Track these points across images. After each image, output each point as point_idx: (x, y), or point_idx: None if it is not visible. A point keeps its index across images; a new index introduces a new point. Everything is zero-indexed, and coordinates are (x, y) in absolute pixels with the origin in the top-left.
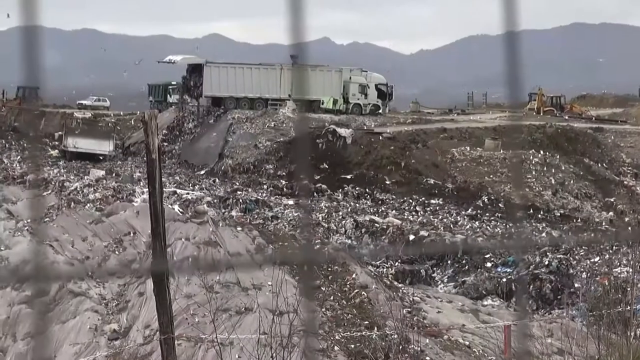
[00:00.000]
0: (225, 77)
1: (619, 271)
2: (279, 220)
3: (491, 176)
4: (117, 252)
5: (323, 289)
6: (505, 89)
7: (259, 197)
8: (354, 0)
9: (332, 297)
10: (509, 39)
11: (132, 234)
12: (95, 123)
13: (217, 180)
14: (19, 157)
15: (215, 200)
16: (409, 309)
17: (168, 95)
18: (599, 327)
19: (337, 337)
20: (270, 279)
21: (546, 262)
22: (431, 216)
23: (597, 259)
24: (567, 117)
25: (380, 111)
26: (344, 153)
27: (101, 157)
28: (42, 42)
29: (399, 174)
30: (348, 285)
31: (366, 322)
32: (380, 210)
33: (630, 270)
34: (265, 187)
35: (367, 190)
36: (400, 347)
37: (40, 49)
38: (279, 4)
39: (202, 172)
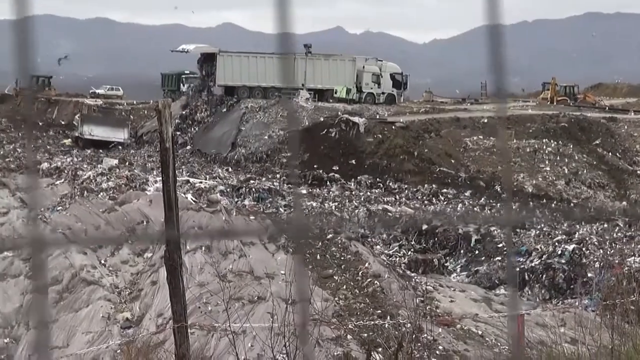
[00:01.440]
0: (239, 66)
1: (632, 260)
2: (292, 209)
3: (504, 165)
4: (129, 241)
5: (336, 277)
6: (490, 82)
7: (271, 186)
8: None
9: (344, 286)
10: (493, 32)
11: (145, 223)
12: (111, 111)
13: (230, 169)
14: (32, 146)
15: (228, 189)
16: (422, 298)
17: (181, 85)
18: (612, 316)
19: (350, 326)
20: (284, 267)
21: (559, 252)
22: (444, 205)
23: (609, 249)
24: (580, 107)
25: (395, 101)
26: (357, 142)
27: (117, 145)
28: (51, 32)
29: (412, 163)
30: (361, 275)
31: (379, 311)
32: (393, 199)
33: None
34: (278, 176)
35: (380, 179)
36: (414, 336)
37: (32, 39)
38: None
39: (215, 162)
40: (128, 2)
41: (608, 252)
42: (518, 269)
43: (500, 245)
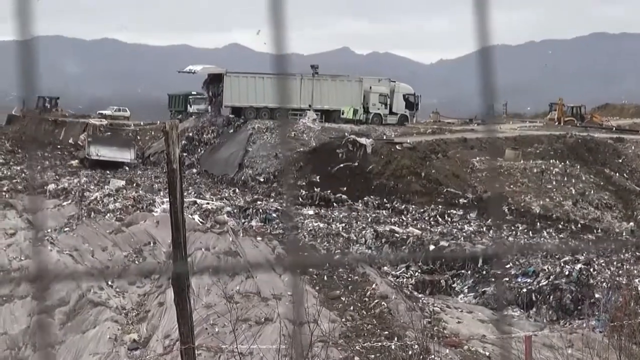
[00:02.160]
0: (245, 87)
1: (639, 282)
2: (299, 230)
3: (511, 186)
4: (137, 262)
5: (343, 299)
6: (481, 104)
7: (279, 207)
8: (373, 10)
9: (352, 308)
10: (483, 54)
11: (152, 244)
12: (117, 131)
13: (237, 190)
14: (38, 167)
15: (235, 210)
16: (429, 319)
17: (188, 105)
18: (619, 337)
19: (357, 348)
20: (290, 288)
21: (566, 272)
22: (451, 226)
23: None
24: (587, 127)
25: (408, 121)
26: (364, 163)
27: (124, 166)
28: (60, 53)
29: (419, 184)
30: (368, 296)
31: (386, 333)
32: (400, 220)
33: None
34: (285, 197)
35: (387, 200)
36: (421, 358)
37: (35, 60)
38: (297, 15)
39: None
40: (135, 23)
41: (616, 273)
42: (525, 290)
43: (507, 266)
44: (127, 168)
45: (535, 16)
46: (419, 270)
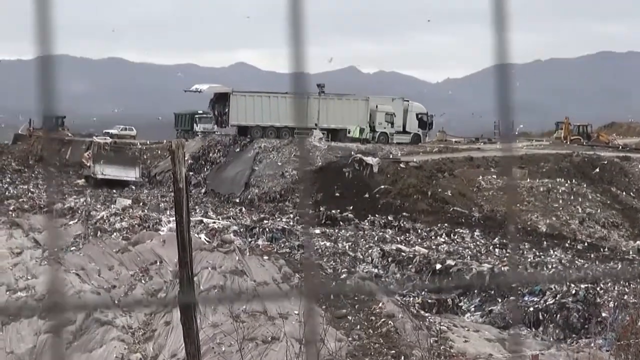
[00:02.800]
0: (252, 106)
1: None
2: (306, 249)
3: (518, 205)
4: (143, 281)
5: (350, 317)
6: (498, 121)
7: (285, 226)
8: (379, 29)
9: (358, 326)
10: (501, 71)
11: (158, 263)
12: (122, 149)
13: (243, 209)
14: (45, 186)
15: (242, 229)
16: (436, 338)
17: (195, 125)
18: (626, 356)
19: None
20: (297, 308)
21: (573, 291)
22: (458, 245)
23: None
24: (594, 146)
25: (420, 140)
26: (371, 182)
27: (131, 185)
28: (66, 71)
29: (425, 202)
30: (375, 315)
31: (393, 351)
32: (407, 239)
33: None
34: (291, 216)
35: (393, 219)
36: None
37: (54, 79)
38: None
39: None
40: (142, 42)
41: (623, 292)
42: (532, 309)
43: (514, 285)
44: (133, 187)
45: (541, 35)
46: (426, 289)
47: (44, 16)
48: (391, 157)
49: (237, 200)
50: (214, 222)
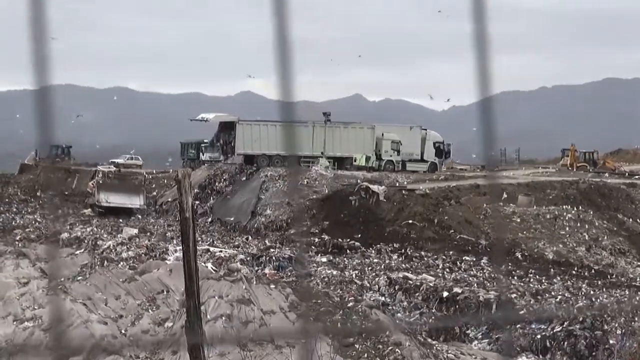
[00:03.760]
0: (258, 135)
1: None
2: (312, 278)
3: (524, 232)
4: (150, 311)
5: (357, 346)
6: (482, 151)
7: (292, 255)
8: (385, 57)
9: (366, 355)
10: (484, 104)
11: (165, 292)
12: (126, 178)
13: (250, 237)
14: (52, 215)
15: (248, 258)
16: None
17: (201, 154)
18: None
19: None
20: (303, 337)
21: (580, 318)
22: (464, 273)
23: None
24: (600, 173)
25: (437, 169)
26: (377, 210)
27: (137, 214)
28: (73, 101)
29: (432, 230)
30: (382, 343)
31: None
32: (413, 267)
33: None
34: (298, 244)
35: (400, 247)
36: None
37: (52, 109)
38: (308, 62)
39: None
40: (147, 71)
41: (630, 319)
42: (540, 336)
43: (522, 312)
44: (139, 216)
45: (547, 62)
46: (433, 317)
47: (40, 47)
48: (397, 185)
49: (244, 229)
50: (221, 251)
